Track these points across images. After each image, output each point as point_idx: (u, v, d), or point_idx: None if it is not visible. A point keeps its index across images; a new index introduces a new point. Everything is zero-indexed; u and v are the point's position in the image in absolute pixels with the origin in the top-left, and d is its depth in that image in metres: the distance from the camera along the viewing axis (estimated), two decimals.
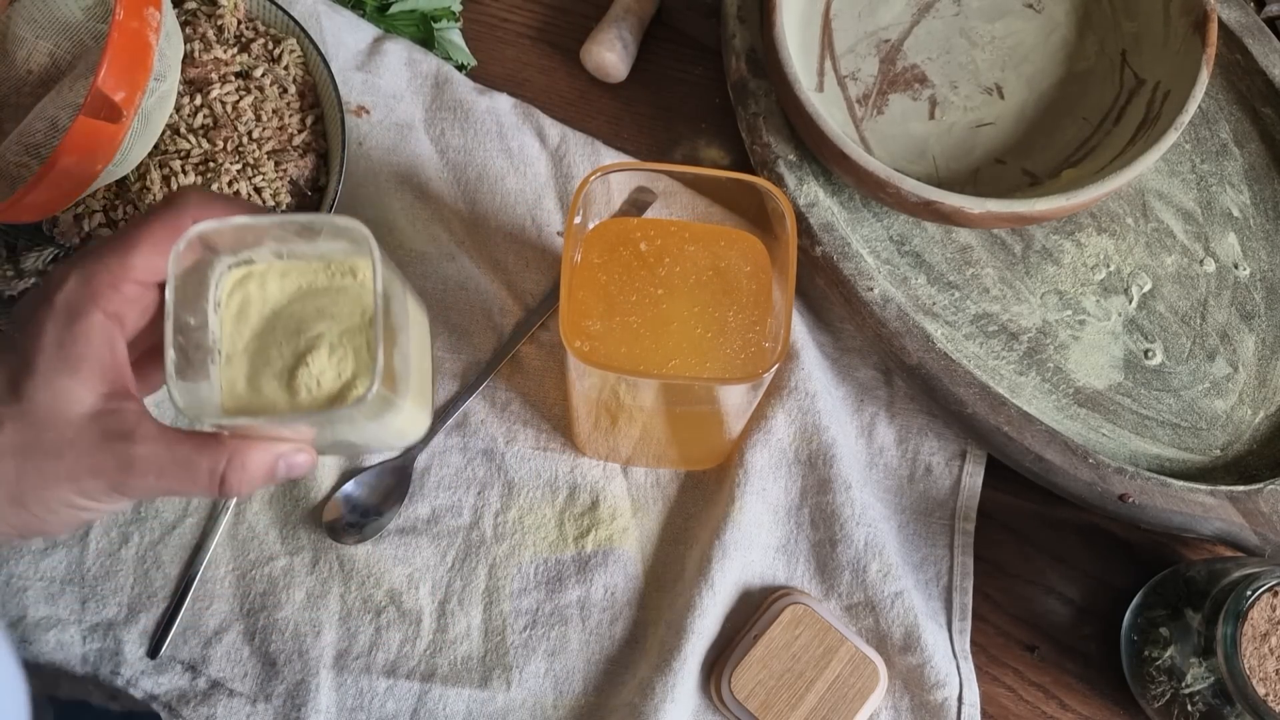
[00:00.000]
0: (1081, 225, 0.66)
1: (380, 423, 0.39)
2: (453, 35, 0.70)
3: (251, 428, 0.38)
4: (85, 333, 0.36)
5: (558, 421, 0.62)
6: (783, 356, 0.49)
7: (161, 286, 0.37)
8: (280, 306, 0.39)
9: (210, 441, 0.37)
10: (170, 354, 0.36)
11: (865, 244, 0.63)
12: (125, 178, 0.58)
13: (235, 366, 0.38)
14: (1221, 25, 0.67)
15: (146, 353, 0.40)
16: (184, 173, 0.58)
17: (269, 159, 0.60)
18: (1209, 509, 0.58)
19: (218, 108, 0.60)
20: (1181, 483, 0.58)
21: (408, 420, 0.41)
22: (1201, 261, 0.66)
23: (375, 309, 0.36)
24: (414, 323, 0.42)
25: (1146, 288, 0.65)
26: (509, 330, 0.63)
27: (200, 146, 0.59)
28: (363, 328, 0.38)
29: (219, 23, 0.62)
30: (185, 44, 0.60)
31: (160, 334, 0.37)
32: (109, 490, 0.36)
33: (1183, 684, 0.53)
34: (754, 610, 0.59)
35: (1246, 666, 0.50)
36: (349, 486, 0.59)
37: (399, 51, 0.68)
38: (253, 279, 0.39)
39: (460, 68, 0.70)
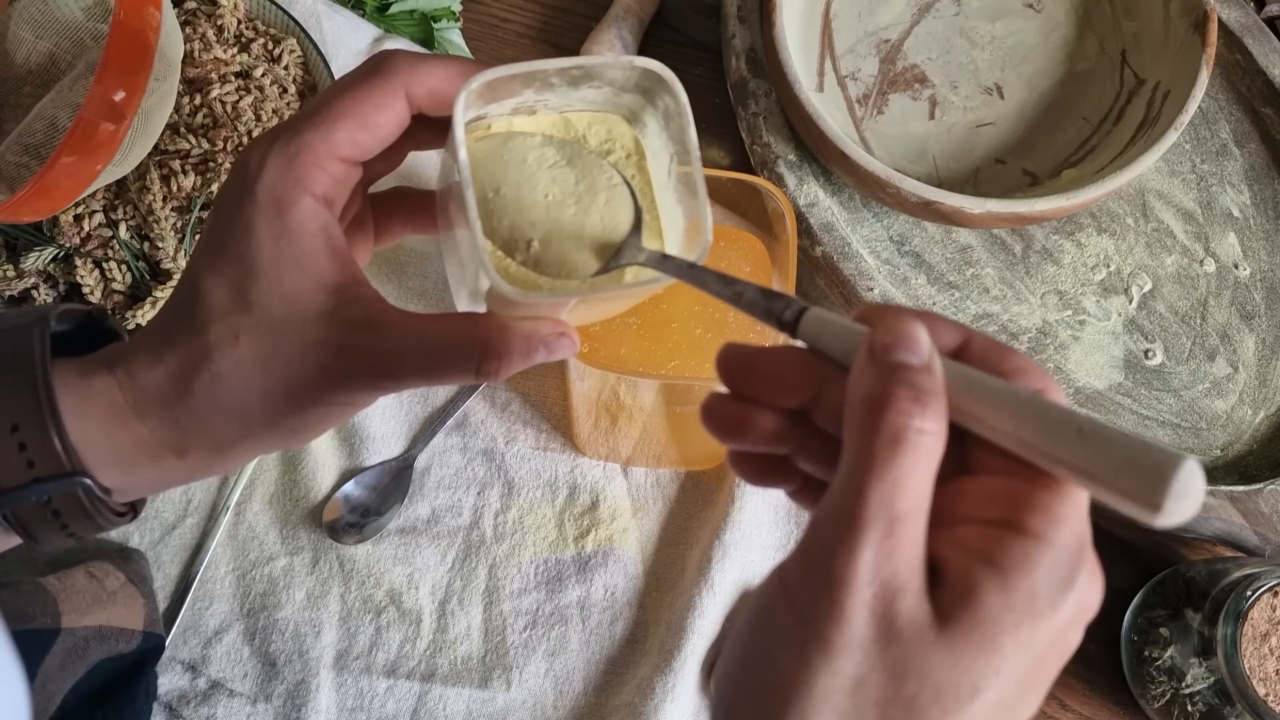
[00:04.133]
0: (1081, 225, 0.66)
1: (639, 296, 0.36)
2: (453, 35, 0.70)
3: (546, 307, 0.34)
4: (300, 224, 0.32)
5: (558, 421, 0.62)
6: None
7: (362, 163, 0.34)
8: (514, 172, 0.35)
9: (462, 325, 0.33)
10: (477, 224, 0.31)
11: (865, 244, 0.63)
12: (125, 178, 0.58)
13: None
14: (1221, 25, 0.67)
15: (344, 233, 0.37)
16: (184, 172, 0.58)
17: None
18: (1209, 509, 0.58)
19: (217, 108, 0.60)
20: None
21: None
22: (1201, 261, 0.66)
23: (692, 153, 0.33)
24: None
25: (1147, 288, 0.65)
26: None
27: (200, 146, 0.59)
28: (638, 188, 0.35)
29: (219, 23, 0.62)
30: (185, 44, 0.60)
31: (354, 208, 0.34)
32: (365, 390, 0.33)
33: (1183, 684, 0.53)
34: None
35: (1247, 666, 0.50)
36: (349, 486, 0.59)
37: None
38: (484, 141, 0.35)
39: None
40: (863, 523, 0.24)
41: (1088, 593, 0.25)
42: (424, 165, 0.65)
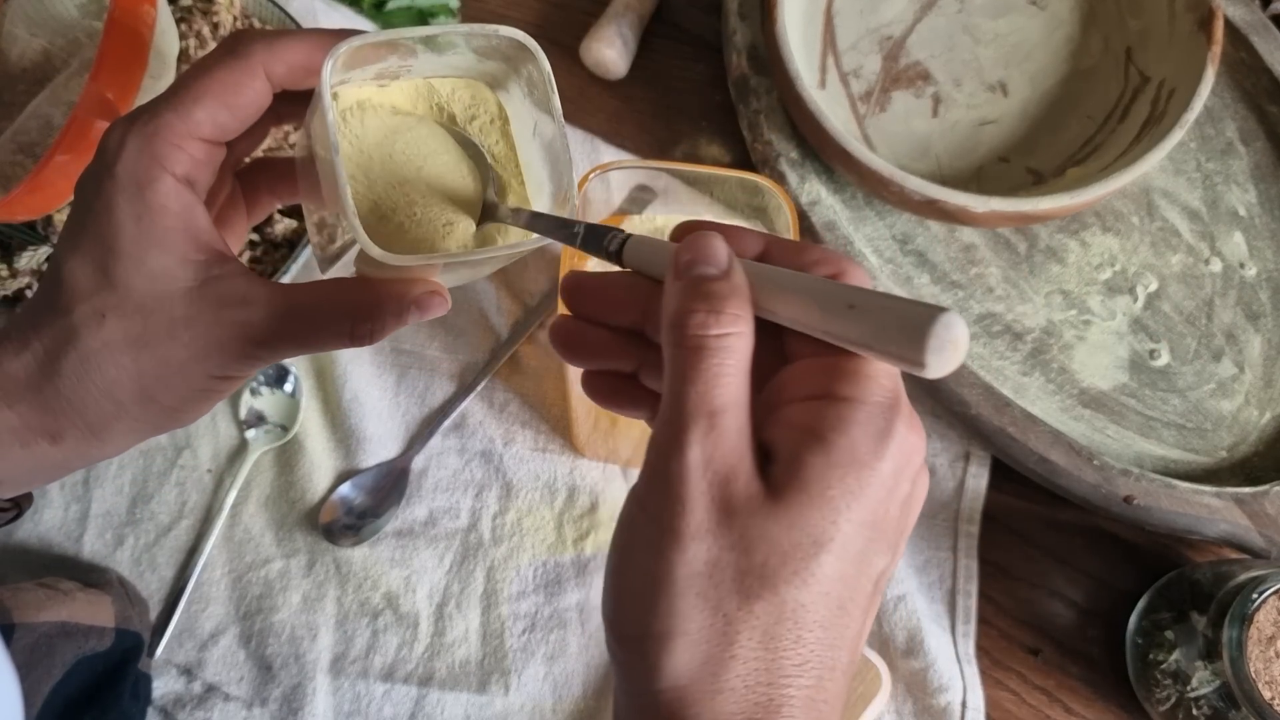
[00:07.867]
0: (1086, 224, 0.66)
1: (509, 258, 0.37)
2: None
3: (416, 269, 0.34)
4: (161, 202, 0.32)
5: (556, 422, 0.61)
6: None
7: (227, 144, 0.34)
8: (379, 140, 0.36)
9: (332, 290, 0.34)
10: (347, 191, 0.32)
11: (868, 243, 0.63)
12: None
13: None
14: (1227, 23, 0.67)
15: (216, 217, 0.37)
16: None
17: (265, 156, 0.60)
18: (1214, 511, 0.57)
19: None
20: (1187, 484, 0.58)
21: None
22: (1207, 261, 0.66)
23: (556, 118, 0.34)
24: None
25: (1152, 287, 0.65)
26: (507, 330, 0.63)
27: None
28: (500, 158, 0.36)
29: (214, 20, 0.61)
30: (180, 41, 0.59)
31: (224, 190, 0.35)
32: (238, 362, 0.33)
33: (1188, 687, 0.52)
34: None
35: (1252, 670, 0.49)
36: (345, 488, 0.59)
37: None
38: (347, 110, 0.36)
39: None
40: (685, 422, 0.26)
41: (907, 440, 0.27)
42: None
